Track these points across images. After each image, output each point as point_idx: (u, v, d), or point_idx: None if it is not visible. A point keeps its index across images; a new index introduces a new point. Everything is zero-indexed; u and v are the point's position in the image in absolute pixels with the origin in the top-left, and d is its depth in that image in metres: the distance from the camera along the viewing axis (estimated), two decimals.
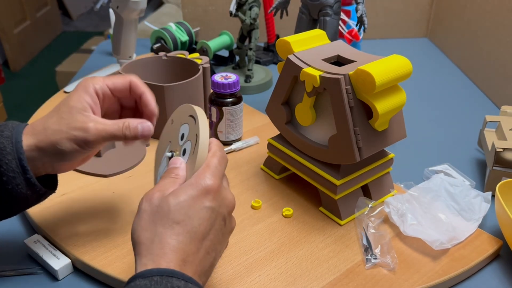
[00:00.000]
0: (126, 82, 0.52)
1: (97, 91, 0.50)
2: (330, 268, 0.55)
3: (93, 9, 4.13)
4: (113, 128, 0.49)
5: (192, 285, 0.39)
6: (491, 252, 0.58)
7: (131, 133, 0.50)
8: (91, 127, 0.48)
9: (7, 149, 0.46)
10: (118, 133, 0.49)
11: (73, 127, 0.47)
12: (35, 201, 0.50)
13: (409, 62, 0.56)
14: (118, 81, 0.51)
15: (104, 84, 0.51)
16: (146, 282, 0.37)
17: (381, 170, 0.65)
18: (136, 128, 0.50)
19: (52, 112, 0.49)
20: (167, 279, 0.38)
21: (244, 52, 1.05)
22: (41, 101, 0.95)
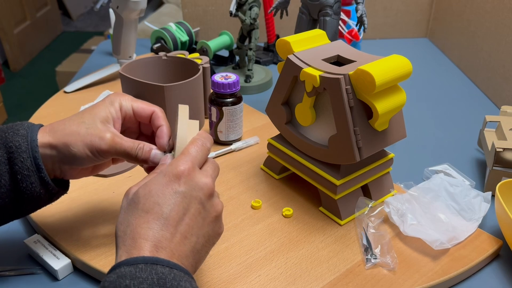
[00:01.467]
0: (150, 110, 0.53)
1: (122, 107, 0.52)
2: (330, 268, 0.55)
3: (93, 9, 4.13)
4: (128, 145, 0.50)
5: (177, 271, 0.39)
6: (491, 252, 0.58)
7: (143, 155, 0.50)
8: (108, 137, 0.49)
9: (22, 147, 0.47)
10: (131, 151, 0.50)
11: (91, 133, 0.49)
12: (47, 201, 0.51)
13: (409, 62, 0.56)
14: (143, 107, 0.53)
15: (130, 104, 0.53)
16: (131, 269, 0.38)
17: (381, 170, 0.65)
18: (149, 152, 0.51)
19: (74, 116, 0.51)
20: (152, 266, 0.38)
21: (244, 52, 1.05)
22: (41, 101, 0.95)
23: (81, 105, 0.87)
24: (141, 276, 0.37)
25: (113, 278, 0.38)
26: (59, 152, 0.48)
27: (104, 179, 0.70)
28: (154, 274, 0.38)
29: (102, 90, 0.95)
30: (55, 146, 0.48)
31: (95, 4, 4.16)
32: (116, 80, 1.03)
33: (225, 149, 0.77)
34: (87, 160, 0.49)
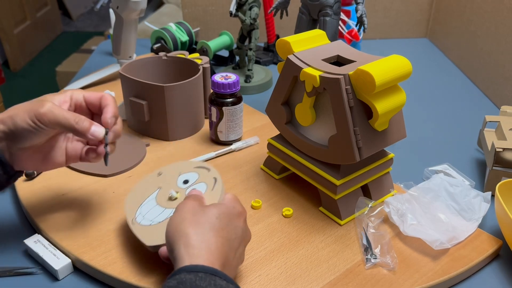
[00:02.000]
0: (99, 95, 0.56)
1: (73, 96, 0.55)
2: (330, 268, 0.55)
3: (93, 9, 4.13)
4: (69, 114, 0.51)
5: (233, 286, 0.41)
6: (490, 252, 0.58)
7: (83, 125, 0.52)
8: (47, 104, 0.51)
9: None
10: (70, 118, 0.51)
11: (33, 103, 0.51)
12: (5, 183, 0.53)
13: (409, 62, 0.57)
14: (93, 93, 0.56)
15: (81, 94, 0.55)
16: (192, 276, 0.40)
17: (381, 170, 0.65)
18: (90, 124, 0.52)
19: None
20: (211, 277, 0.40)
21: (244, 52, 1.05)
22: None
23: None
24: (200, 284, 0.39)
25: (173, 284, 0.39)
26: (6, 126, 0.50)
27: (104, 179, 0.70)
28: (213, 285, 0.40)
29: (102, 90, 0.95)
30: (1, 120, 0.50)
31: (95, 4, 4.16)
32: (116, 80, 1.03)
33: (225, 149, 0.77)
34: (30, 131, 0.50)
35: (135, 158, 0.74)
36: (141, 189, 0.59)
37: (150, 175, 0.61)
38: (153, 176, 0.61)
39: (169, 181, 0.59)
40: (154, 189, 0.59)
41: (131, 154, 0.75)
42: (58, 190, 0.66)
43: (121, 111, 0.86)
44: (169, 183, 0.59)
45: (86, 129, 0.52)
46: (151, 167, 0.73)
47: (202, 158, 0.75)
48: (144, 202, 0.57)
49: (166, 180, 0.60)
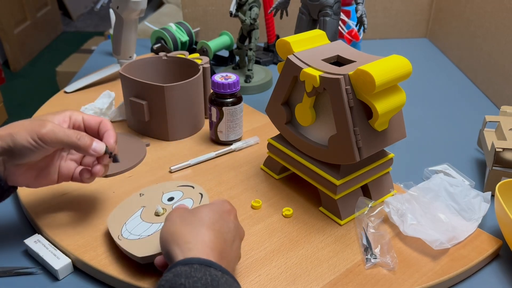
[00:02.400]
0: (99, 119, 0.57)
1: (72, 116, 0.56)
2: (330, 268, 0.55)
3: (93, 9, 4.13)
4: (70, 131, 0.53)
5: (228, 276, 0.42)
6: (490, 252, 0.58)
7: (84, 141, 0.53)
8: (49, 124, 0.52)
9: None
10: (72, 136, 0.52)
11: (34, 123, 0.52)
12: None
13: (408, 62, 0.57)
14: (93, 117, 0.58)
15: (80, 115, 0.57)
16: (187, 268, 0.41)
17: (381, 170, 0.65)
18: (91, 141, 0.54)
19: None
20: (206, 268, 0.41)
21: (244, 52, 1.05)
22: (41, 101, 0.95)
23: (81, 105, 0.87)
24: (195, 275, 0.40)
25: (169, 277, 0.40)
26: (4, 143, 0.50)
27: (104, 179, 0.70)
28: (208, 275, 0.40)
29: (102, 90, 0.95)
30: (1, 137, 0.51)
31: (95, 4, 4.16)
32: (116, 80, 1.03)
33: (225, 149, 0.77)
34: (30, 149, 0.51)
35: (135, 158, 0.74)
36: (124, 209, 0.60)
37: (131, 196, 0.62)
38: (135, 197, 0.62)
39: (152, 200, 0.61)
40: (138, 208, 0.59)
41: (131, 154, 0.75)
42: (58, 190, 0.66)
43: (121, 111, 0.86)
44: (153, 201, 0.60)
45: (88, 145, 0.53)
46: (151, 167, 0.74)
47: (202, 158, 0.75)
48: (128, 220, 0.58)
49: (149, 199, 0.61)
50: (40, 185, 0.57)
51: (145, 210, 0.59)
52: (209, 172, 0.73)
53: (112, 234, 0.56)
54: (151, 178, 0.71)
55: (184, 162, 0.73)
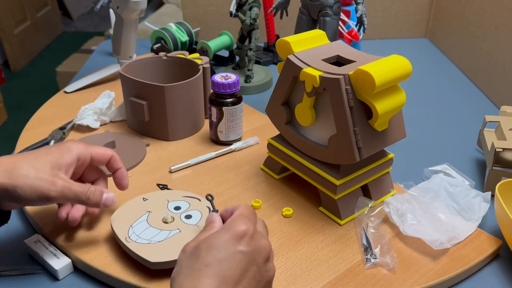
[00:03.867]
0: (109, 155, 0.57)
1: (81, 156, 0.54)
2: (330, 268, 0.55)
3: (93, 9, 4.13)
4: (79, 189, 0.51)
5: None
6: (490, 252, 0.58)
7: (95, 198, 0.52)
8: (59, 183, 0.50)
9: None
10: (81, 195, 0.51)
11: (40, 178, 0.49)
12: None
13: (408, 62, 0.57)
14: (102, 152, 0.56)
15: (89, 152, 0.55)
16: None
17: (380, 170, 0.65)
18: (101, 195, 0.53)
19: (27, 155, 0.51)
20: None
21: (244, 52, 1.05)
22: (41, 101, 0.95)
23: (81, 105, 0.87)
24: None
25: None
26: (6, 191, 0.48)
27: None
28: None
29: (102, 90, 0.95)
30: (2, 184, 0.48)
31: (95, 4, 4.16)
32: (116, 80, 1.03)
33: (225, 149, 0.77)
34: (32, 203, 0.50)
35: (135, 158, 0.74)
36: (128, 211, 0.59)
37: (134, 199, 0.61)
38: (139, 201, 0.61)
39: (158, 206, 0.60)
40: (143, 212, 0.59)
41: (131, 154, 0.75)
42: None
43: (121, 111, 0.86)
44: (158, 208, 0.60)
45: (98, 201, 0.53)
46: (151, 167, 0.74)
47: (202, 158, 0.75)
48: (134, 223, 0.57)
49: (154, 204, 0.60)
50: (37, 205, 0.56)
51: (151, 215, 0.58)
52: (209, 172, 0.73)
53: (118, 235, 0.55)
54: (151, 178, 0.71)
55: (184, 162, 0.73)
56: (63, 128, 0.82)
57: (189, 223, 0.57)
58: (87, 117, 0.83)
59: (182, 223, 0.57)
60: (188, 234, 0.55)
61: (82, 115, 0.83)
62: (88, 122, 0.82)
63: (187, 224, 0.57)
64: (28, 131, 0.83)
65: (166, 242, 0.54)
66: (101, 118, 0.84)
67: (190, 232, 0.55)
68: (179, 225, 0.56)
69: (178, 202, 0.61)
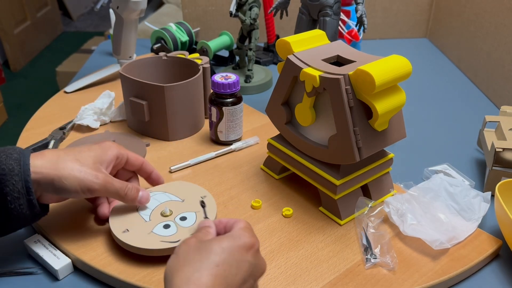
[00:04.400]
0: (141, 160, 0.61)
1: (119, 156, 0.58)
2: (330, 268, 0.55)
3: (93, 10, 4.13)
4: (119, 185, 0.55)
5: None
6: (490, 252, 0.58)
7: (132, 194, 0.56)
8: (101, 176, 0.53)
9: (15, 171, 0.49)
10: (121, 191, 0.55)
11: (85, 171, 0.52)
12: (30, 221, 0.52)
13: (408, 62, 0.57)
14: (136, 157, 0.60)
15: (126, 154, 0.59)
16: None
17: (380, 170, 0.65)
18: (137, 192, 0.57)
19: (70, 150, 0.54)
20: None
21: (244, 52, 1.05)
22: (41, 101, 0.95)
23: (81, 105, 0.87)
24: None
25: None
26: (52, 182, 0.50)
27: None
28: None
29: (103, 90, 0.95)
30: (48, 174, 0.50)
31: (95, 4, 4.16)
32: (116, 80, 1.03)
33: (225, 149, 0.77)
34: (75, 194, 0.52)
35: None
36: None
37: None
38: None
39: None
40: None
41: None
42: None
43: (121, 111, 0.86)
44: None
45: (134, 198, 0.56)
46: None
47: (202, 158, 0.75)
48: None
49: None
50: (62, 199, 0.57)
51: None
52: (209, 172, 0.73)
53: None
54: None
55: (184, 162, 0.73)
56: (63, 128, 0.82)
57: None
58: (87, 117, 0.83)
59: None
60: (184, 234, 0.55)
61: (82, 115, 0.83)
62: (88, 122, 0.82)
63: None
64: (28, 131, 0.83)
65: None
66: (101, 118, 0.84)
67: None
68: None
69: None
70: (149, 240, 0.54)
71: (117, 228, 0.56)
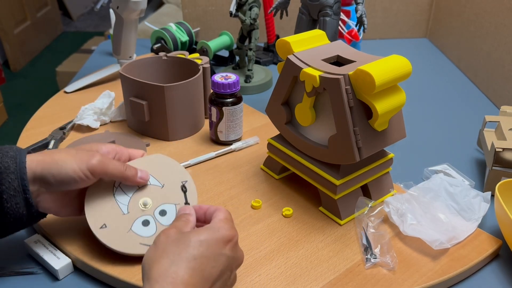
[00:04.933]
0: (141, 153, 0.59)
1: (116, 149, 0.57)
2: (330, 268, 0.55)
3: (93, 9, 4.13)
4: (117, 163, 0.53)
5: None
6: (490, 252, 0.58)
7: (131, 171, 0.55)
8: (97, 155, 0.52)
9: (11, 168, 0.48)
10: (120, 166, 0.53)
11: (80, 153, 0.52)
12: (27, 223, 0.52)
13: (408, 62, 0.57)
14: (136, 152, 0.59)
15: (127, 151, 0.58)
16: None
17: (380, 170, 0.65)
18: (135, 170, 0.55)
19: (63, 149, 0.53)
20: None
21: (244, 52, 1.05)
22: (41, 101, 0.95)
23: (81, 105, 0.87)
24: None
25: None
26: (47, 167, 0.49)
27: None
28: None
29: (102, 90, 0.95)
30: (43, 160, 0.49)
31: (95, 4, 4.16)
32: (116, 80, 1.03)
33: (225, 149, 0.77)
34: (74, 180, 0.50)
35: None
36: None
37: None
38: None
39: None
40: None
41: None
42: None
43: (121, 111, 0.86)
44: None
45: (134, 174, 0.55)
46: None
47: (202, 158, 0.75)
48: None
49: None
50: (69, 214, 0.55)
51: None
52: (209, 172, 0.73)
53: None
54: None
55: (184, 162, 0.73)
56: (63, 128, 0.82)
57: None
58: (87, 117, 0.83)
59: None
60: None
61: (82, 115, 0.83)
62: (88, 122, 0.82)
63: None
64: (28, 131, 0.83)
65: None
66: (101, 118, 0.85)
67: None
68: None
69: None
70: (128, 242, 0.53)
71: (94, 222, 0.54)
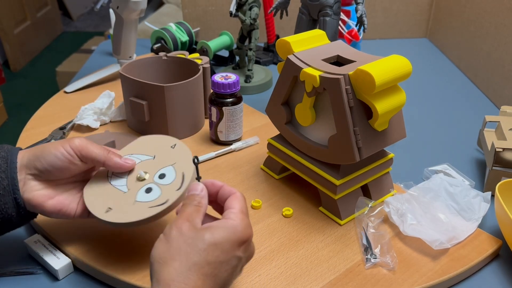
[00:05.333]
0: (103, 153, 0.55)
1: (93, 142, 0.55)
2: (330, 268, 0.55)
3: (93, 9, 4.13)
4: (100, 147, 0.53)
5: None
6: (490, 252, 0.58)
7: (114, 155, 0.53)
8: (80, 139, 0.52)
9: (1, 168, 0.49)
10: (103, 149, 0.53)
11: (63, 140, 0.52)
12: (17, 224, 0.52)
13: (408, 62, 0.57)
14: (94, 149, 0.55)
15: (107, 150, 0.55)
16: None
17: (380, 170, 0.65)
18: (119, 156, 0.54)
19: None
20: None
21: (244, 52, 1.05)
22: (41, 101, 0.95)
23: (81, 105, 0.87)
24: None
25: None
26: (34, 155, 0.50)
27: None
28: None
29: (102, 90, 0.95)
30: (30, 150, 0.51)
31: (95, 4, 4.16)
32: (116, 80, 1.03)
33: (225, 149, 0.77)
34: (58, 157, 0.50)
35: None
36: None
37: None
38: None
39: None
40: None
41: None
42: None
43: (121, 111, 0.86)
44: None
45: (118, 158, 0.53)
46: None
47: (202, 158, 0.75)
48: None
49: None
50: (56, 209, 0.52)
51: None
52: (209, 172, 0.73)
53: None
54: None
55: None
56: (63, 128, 0.82)
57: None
58: (87, 117, 0.83)
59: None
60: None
61: (82, 115, 0.83)
62: (88, 122, 0.82)
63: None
64: (28, 131, 0.83)
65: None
66: (101, 118, 0.85)
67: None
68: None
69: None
70: (137, 211, 0.50)
71: (98, 210, 0.51)
